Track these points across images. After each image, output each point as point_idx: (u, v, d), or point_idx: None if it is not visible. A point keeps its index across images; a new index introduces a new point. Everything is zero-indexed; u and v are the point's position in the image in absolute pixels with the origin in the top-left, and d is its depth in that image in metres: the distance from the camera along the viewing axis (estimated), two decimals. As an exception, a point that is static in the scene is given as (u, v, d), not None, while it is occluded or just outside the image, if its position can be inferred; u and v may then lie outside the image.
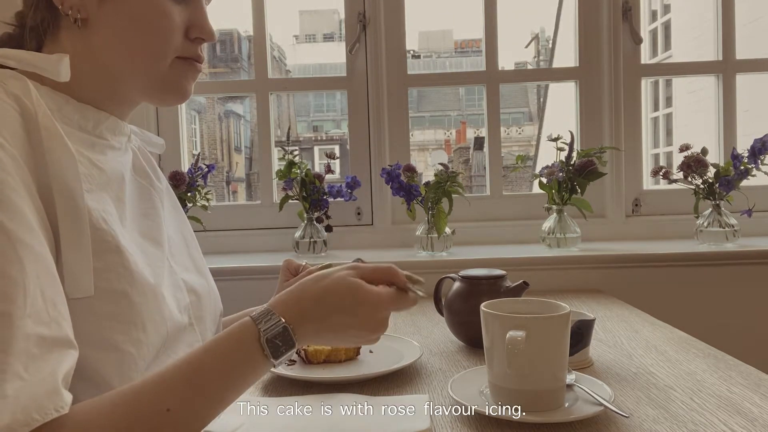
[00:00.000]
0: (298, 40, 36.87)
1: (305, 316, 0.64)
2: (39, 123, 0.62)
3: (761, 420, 0.65)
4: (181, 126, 1.77)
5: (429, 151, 27.19)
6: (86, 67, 0.72)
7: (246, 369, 0.62)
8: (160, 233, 0.80)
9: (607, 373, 0.82)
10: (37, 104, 0.63)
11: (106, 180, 0.72)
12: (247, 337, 0.62)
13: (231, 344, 0.62)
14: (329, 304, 0.65)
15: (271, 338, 0.61)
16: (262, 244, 1.69)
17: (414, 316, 1.21)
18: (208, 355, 0.61)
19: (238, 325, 0.62)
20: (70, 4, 0.70)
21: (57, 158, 0.61)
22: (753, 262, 1.44)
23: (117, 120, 0.79)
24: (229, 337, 0.62)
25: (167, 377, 0.59)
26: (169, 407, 0.57)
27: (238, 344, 0.61)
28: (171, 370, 0.59)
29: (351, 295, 0.66)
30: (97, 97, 0.75)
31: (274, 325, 0.62)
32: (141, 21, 0.72)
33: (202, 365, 0.60)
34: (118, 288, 0.65)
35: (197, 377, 0.59)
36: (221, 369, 0.60)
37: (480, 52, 3.02)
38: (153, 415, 0.56)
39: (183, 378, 0.59)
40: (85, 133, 0.73)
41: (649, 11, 8.42)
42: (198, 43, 0.77)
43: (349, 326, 0.66)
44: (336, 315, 0.65)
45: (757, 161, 1.49)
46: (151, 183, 0.85)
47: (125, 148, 0.82)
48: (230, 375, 0.61)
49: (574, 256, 1.46)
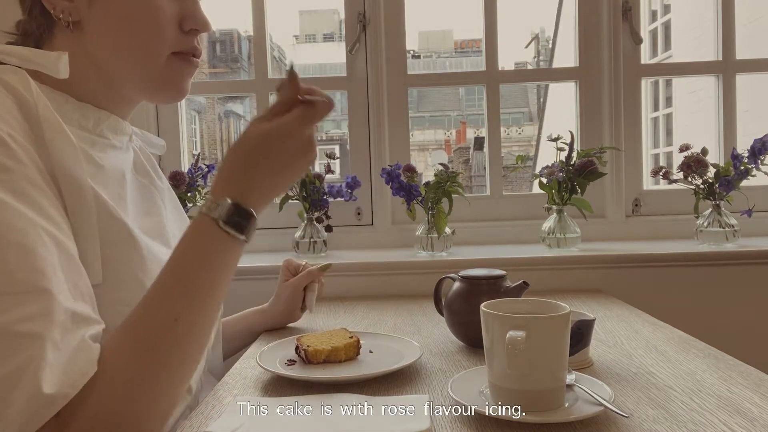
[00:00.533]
0: (298, 40, 36.86)
1: (245, 181, 0.66)
2: (39, 115, 0.62)
3: (761, 420, 0.65)
4: (181, 126, 1.77)
5: (429, 151, 27.19)
6: (83, 68, 0.72)
7: (226, 258, 0.66)
8: (165, 231, 0.80)
9: (607, 373, 0.82)
10: (38, 97, 0.64)
11: (104, 177, 0.72)
12: (210, 231, 0.64)
13: (203, 245, 0.64)
14: (257, 158, 0.67)
15: (228, 220, 0.64)
16: (262, 244, 1.69)
17: (414, 316, 1.21)
18: (185, 260, 0.63)
19: (196, 227, 0.65)
20: (61, 7, 0.71)
21: (59, 149, 0.62)
22: (753, 262, 1.44)
23: (118, 119, 0.79)
24: (195, 241, 0.65)
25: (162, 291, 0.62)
26: (176, 316, 0.60)
27: (208, 241, 0.64)
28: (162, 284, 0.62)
29: (269, 136, 0.67)
30: (96, 96, 0.75)
31: (223, 207, 0.64)
32: (131, 18, 0.72)
33: (184, 269, 0.63)
34: (131, 274, 0.67)
35: (188, 281, 0.63)
36: (205, 267, 0.64)
37: (480, 52, 3.02)
38: (165, 326, 0.60)
39: (175, 286, 0.62)
40: (85, 131, 0.73)
41: (649, 11, 8.41)
42: (193, 35, 0.77)
43: (284, 163, 0.68)
44: (268, 161, 0.67)
45: (757, 161, 1.49)
46: (152, 182, 0.86)
47: (126, 147, 0.82)
48: (216, 272, 0.64)
49: (574, 256, 1.46)
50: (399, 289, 1.44)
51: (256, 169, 0.67)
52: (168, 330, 0.60)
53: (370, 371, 0.82)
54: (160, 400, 0.59)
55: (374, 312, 1.26)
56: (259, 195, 0.68)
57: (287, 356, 0.91)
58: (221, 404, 0.76)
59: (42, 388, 0.52)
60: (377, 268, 1.46)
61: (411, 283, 1.43)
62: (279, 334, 1.08)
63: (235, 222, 0.64)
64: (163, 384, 0.59)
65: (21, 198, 0.57)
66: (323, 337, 0.92)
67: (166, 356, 0.60)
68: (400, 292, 1.43)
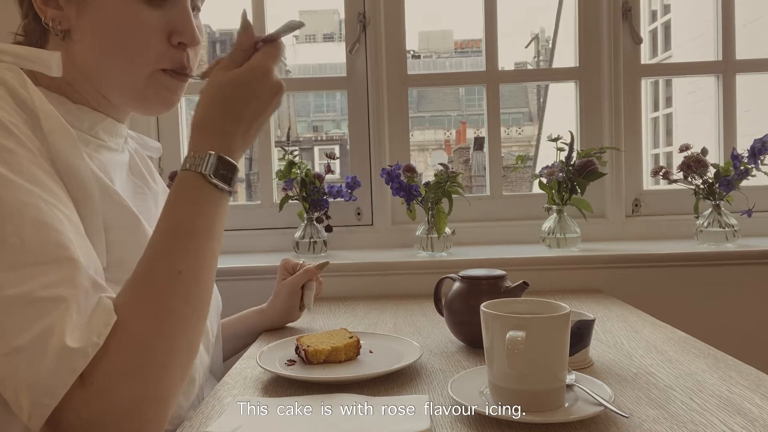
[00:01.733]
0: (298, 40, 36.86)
1: (224, 132, 0.68)
2: (36, 107, 0.63)
3: (761, 420, 0.65)
4: (181, 126, 1.77)
5: (429, 152, 27.19)
6: (74, 75, 0.73)
7: (216, 209, 0.67)
8: (145, 233, 0.80)
9: (607, 374, 0.82)
10: (33, 92, 0.64)
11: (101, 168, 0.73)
12: (198, 185, 0.66)
13: (194, 199, 0.66)
14: (233, 106, 0.68)
15: (215, 173, 0.66)
16: (262, 244, 1.69)
17: (414, 316, 1.21)
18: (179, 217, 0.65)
19: (183, 183, 0.66)
20: (51, 15, 0.71)
21: (58, 139, 0.64)
22: (753, 262, 1.44)
23: (114, 122, 0.79)
24: (186, 196, 0.66)
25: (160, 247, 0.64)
26: (180, 268, 0.63)
27: (198, 195, 0.66)
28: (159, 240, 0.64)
29: (241, 83, 0.69)
30: (91, 101, 0.75)
31: (209, 161, 0.66)
32: (116, 30, 0.72)
33: (180, 226, 0.65)
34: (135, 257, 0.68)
35: (184, 236, 0.64)
36: (202, 222, 0.66)
37: (480, 52, 3.02)
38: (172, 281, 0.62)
39: (174, 242, 0.64)
40: (79, 132, 0.73)
41: (649, 11, 8.42)
42: (182, 48, 0.76)
43: (260, 106, 0.70)
44: (244, 106, 0.69)
45: (757, 161, 1.49)
46: (146, 183, 0.86)
47: (122, 149, 0.82)
48: (209, 222, 0.66)
49: (574, 256, 1.46)
50: (399, 289, 1.44)
51: (233, 118, 0.68)
52: (175, 282, 0.62)
53: (370, 371, 0.82)
54: (176, 354, 0.61)
55: (374, 312, 1.26)
56: (240, 143, 0.69)
57: (287, 356, 0.91)
58: (221, 404, 0.76)
59: (68, 344, 0.54)
60: (377, 268, 1.46)
61: (411, 283, 1.43)
62: (279, 334, 1.08)
63: (221, 174, 0.67)
64: (179, 337, 0.62)
65: (28, 177, 0.59)
66: (323, 337, 0.92)
67: (177, 307, 0.62)
68: (400, 292, 1.43)
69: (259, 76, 0.69)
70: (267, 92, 0.70)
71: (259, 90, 0.70)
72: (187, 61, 0.76)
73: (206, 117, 0.69)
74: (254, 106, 0.70)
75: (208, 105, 0.69)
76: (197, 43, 0.77)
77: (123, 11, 0.71)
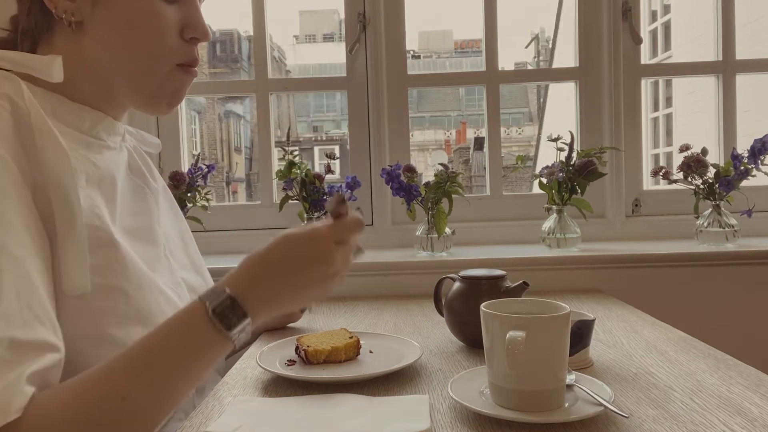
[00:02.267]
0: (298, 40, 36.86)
1: (254, 281, 0.63)
2: (31, 122, 0.61)
3: (761, 420, 0.65)
4: (181, 126, 1.77)
5: (429, 152, 27.19)
6: (80, 69, 0.72)
7: (200, 346, 0.60)
8: (153, 232, 0.80)
9: (607, 374, 0.82)
10: (30, 104, 0.62)
11: (100, 176, 0.72)
12: (195, 314, 0.60)
13: (180, 323, 0.61)
14: (272, 260, 0.64)
15: (219, 311, 0.60)
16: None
17: (414, 316, 1.21)
18: (158, 337, 0.60)
19: (185, 308, 0.62)
20: (63, 7, 0.70)
21: (50, 157, 0.61)
22: (753, 262, 1.44)
23: (113, 120, 0.79)
24: (179, 316, 0.61)
25: (120, 364, 0.57)
26: (124, 395, 0.55)
27: (188, 321, 0.60)
28: (123, 355, 0.58)
29: (289, 240, 0.66)
30: (92, 98, 0.75)
31: (219, 297, 0.61)
32: (133, 23, 0.71)
33: (152, 347, 0.59)
34: (113, 283, 0.66)
35: (150, 360, 0.58)
36: (174, 349, 0.59)
37: (480, 53, 3.02)
38: (110, 403, 0.55)
39: (135, 363, 0.57)
40: (81, 133, 0.73)
41: (649, 11, 8.42)
42: (193, 43, 0.76)
43: (296, 268, 0.64)
44: (281, 264, 0.64)
45: (757, 161, 1.49)
46: (146, 182, 0.85)
47: (120, 147, 0.82)
48: (184, 355, 0.59)
49: (574, 257, 1.46)
50: (399, 289, 1.44)
51: (265, 270, 0.64)
52: (111, 407, 0.55)
53: (370, 371, 0.82)
54: None
55: (374, 312, 1.26)
56: (262, 298, 0.63)
57: (287, 356, 0.91)
58: (221, 404, 0.76)
59: None
60: (377, 268, 1.46)
61: (411, 283, 1.43)
62: (279, 334, 1.08)
63: (224, 315, 0.60)
64: None
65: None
66: (323, 337, 0.92)
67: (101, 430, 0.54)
68: (400, 292, 1.43)
69: (308, 237, 0.66)
70: (311, 257, 0.65)
71: (304, 252, 0.65)
72: (197, 54, 0.77)
73: (246, 260, 0.65)
74: (292, 266, 0.64)
75: (255, 251, 0.66)
76: (209, 38, 0.77)
77: (141, 4, 0.71)
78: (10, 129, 0.60)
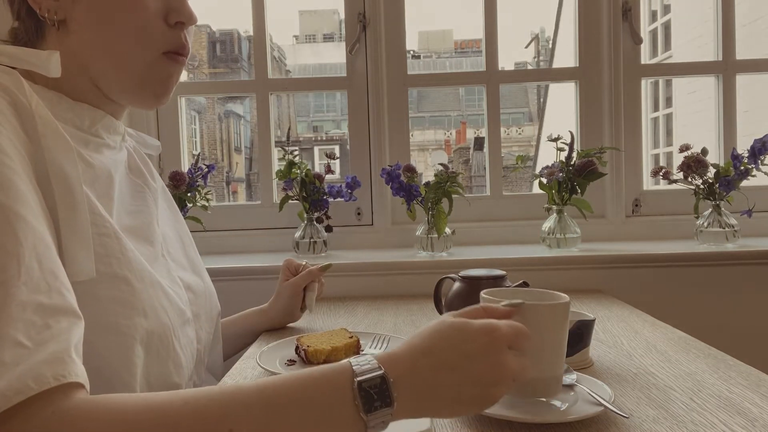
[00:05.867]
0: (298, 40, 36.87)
1: (413, 369, 0.53)
2: (33, 111, 0.61)
3: (761, 420, 0.65)
4: (181, 126, 1.77)
5: (429, 152, 27.20)
6: (72, 67, 0.72)
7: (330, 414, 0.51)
8: (152, 231, 0.80)
9: (607, 374, 0.82)
10: (30, 96, 0.62)
11: (93, 176, 0.72)
12: (339, 381, 0.52)
13: (319, 380, 0.52)
14: (436, 349, 0.54)
15: (365, 385, 0.51)
16: (262, 244, 1.69)
17: (414, 316, 1.21)
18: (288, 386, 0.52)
19: (330, 368, 0.54)
20: (46, 6, 0.70)
21: (52, 144, 0.60)
22: (753, 262, 1.44)
23: (112, 119, 0.79)
24: (321, 373, 0.53)
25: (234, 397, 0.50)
26: (232, 428, 0.48)
27: (327, 382, 0.52)
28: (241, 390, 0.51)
29: (458, 330, 0.55)
30: (89, 96, 0.75)
31: (370, 371, 0.52)
32: (114, 14, 0.71)
33: (279, 394, 0.51)
34: (119, 273, 0.65)
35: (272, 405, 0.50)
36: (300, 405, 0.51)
37: (480, 52, 3.02)
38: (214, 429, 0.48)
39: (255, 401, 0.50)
40: (80, 131, 0.73)
41: (649, 11, 8.42)
42: (179, 28, 0.75)
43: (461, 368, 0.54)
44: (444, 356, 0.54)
45: (757, 161, 1.49)
46: (145, 182, 0.85)
47: (120, 146, 0.82)
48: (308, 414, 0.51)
49: (574, 257, 1.46)
50: (399, 289, 1.44)
51: (425, 359, 0.54)
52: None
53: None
54: None
55: (374, 312, 1.26)
56: (418, 393, 0.53)
57: (287, 356, 0.91)
58: (221, 404, 0.75)
59: None
60: (377, 268, 1.46)
61: (411, 283, 1.43)
62: (279, 334, 1.08)
63: (368, 394, 0.51)
64: None
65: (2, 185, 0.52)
66: (323, 337, 0.92)
67: None
68: (400, 292, 1.43)
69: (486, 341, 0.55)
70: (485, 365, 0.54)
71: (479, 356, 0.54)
72: (185, 41, 0.76)
73: (413, 343, 0.56)
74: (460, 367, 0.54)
75: (418, 336, 0.56)
76: (195, 21, 0.76)
77: None
78: (15, 118, 0.60)
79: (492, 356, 0.54)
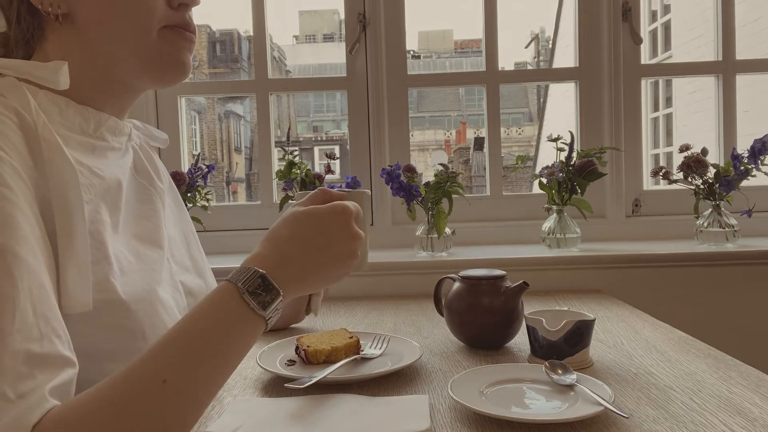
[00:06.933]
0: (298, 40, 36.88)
1: (280, 258, 0.64)
2: (39, 134, 0.60)
3: (761, 420, 0.65)
4: (181, 126, 1.77)
5: (429, 152, 27.19)
6: (80, 62, 0.71)
7: (239, 330, 0.61)
8: (160, 235, 0.79)
9: (607, 374, 0.82)
10: (37, 116, 0.62)
11: (105, 188, 0.71)
12: (229, 296, 0.61)
13: (213, 305, 0.61)
14: (296, 235, 0.66)
15: (251, 290, 0.61)
16: (262, 244, 1.69)
17: (414, 316, 1.21)
18: (192, 321, 0.60)
19: (217, 291, 0.62)
20: (48, 1, 0.70)
21: (57, 171, 0.60)
22: (753, 262, 1.44)
23: (117, 120, 0.78)
24: (212, 300, 0.61)
25: (156, 348, 0.57)
26: (165, 378, 0.55)
27: (224, 308, 0.60)
28: (161, 342, 0.58)
29: (314, 216, 0.67)
30: (97, 94, 0.74)
31: (251, 277, 0.61)
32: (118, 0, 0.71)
33: (188, 330, 0.59)
34: (114, 298, 0.65)
35: (187, 343, 0.58)
36: (210, 331, 0.59)
37: (480, 53, 3.02)
38: (149, 387, 0.54)
39: (172, 346, 0.58)
40: (86, 136, 0.73)
41: (649, 11, 8.42)
42: (183, 9, 0.75)
43: (325, 246, 0.66)
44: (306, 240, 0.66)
45: (757, 161, 1.49)
46: (152, 183, 0.85)
47: (126, 148, 0.81)
48: (220, 335, 0.60)
49: (574, 257, 1.46)
50: (399, 289, 1.44)
51: (293, 246, 0.65)
52: (152, 389, 0.54)
53: (370, 371, 0.82)
54: None
55: (374, 312, 1.26)
56: (292, 274, 0.65)
57: (287, 356, 0.91)
58: (221, 404, 0.76)
59: None
60: (377, 268, 1.46)
61: (411, 283, 1.43)
62: (279, 334, 1.08)
63: (257, 294, 0.61)
64: None
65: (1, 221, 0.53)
66: (323, 337, 0.92)
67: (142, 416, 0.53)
68: (400, 292, 1.43)
69: (339, 220, 0.67)
70: (343, 240, 0.68)
71: (336, 233, 0.67)
72: (190, 20, 0.76)
73: (268, 238, 0.66)
74: (319, 243, 0.66)
75: (275, 228, 0.67)
76: (197, 2, 0.76)
77: None
78: (22, 142, 0.60)
79: (346, 230, 0.68)
